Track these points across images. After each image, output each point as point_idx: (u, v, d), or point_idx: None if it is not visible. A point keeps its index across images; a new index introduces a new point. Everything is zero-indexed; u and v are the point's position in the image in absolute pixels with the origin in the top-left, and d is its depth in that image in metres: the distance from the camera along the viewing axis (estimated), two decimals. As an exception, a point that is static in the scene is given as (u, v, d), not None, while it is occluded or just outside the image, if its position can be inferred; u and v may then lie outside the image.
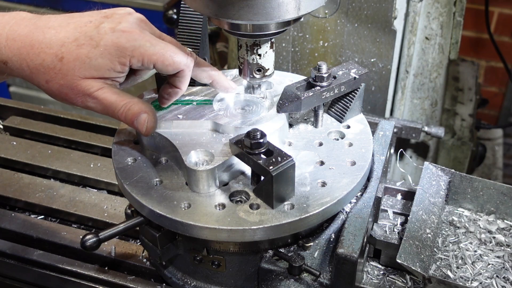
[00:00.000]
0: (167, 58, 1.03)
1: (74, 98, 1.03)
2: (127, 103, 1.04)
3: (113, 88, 1.04)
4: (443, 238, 1.24)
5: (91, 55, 1.00)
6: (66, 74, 1.01)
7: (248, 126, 1.12)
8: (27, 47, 1.01)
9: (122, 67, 1.02)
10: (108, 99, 1.03)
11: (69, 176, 1.57)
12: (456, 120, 2.49)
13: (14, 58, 1.02)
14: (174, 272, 1.22)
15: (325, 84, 1.17)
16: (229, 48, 2.37)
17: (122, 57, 1.01)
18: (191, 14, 1.28)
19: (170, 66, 1.05)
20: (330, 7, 1.94)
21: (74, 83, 1.01)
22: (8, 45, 1.01)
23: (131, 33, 1.01)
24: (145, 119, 1.05)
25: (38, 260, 1.30)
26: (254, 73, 1.18)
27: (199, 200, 1.06)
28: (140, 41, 1.01)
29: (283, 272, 1.08)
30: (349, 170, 1.12)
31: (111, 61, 1.01)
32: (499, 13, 3.47)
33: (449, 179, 1.30)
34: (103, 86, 1.03)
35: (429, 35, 2.04)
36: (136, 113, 1.04)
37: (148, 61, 1.02)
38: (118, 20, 1.03)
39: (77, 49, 1.00)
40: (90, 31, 1.01)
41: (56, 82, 1.02)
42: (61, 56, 1.00)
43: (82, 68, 1.00)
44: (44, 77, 1.02)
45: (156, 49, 1.02)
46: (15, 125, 1.76)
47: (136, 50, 1.01)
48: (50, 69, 1.01)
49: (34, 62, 1.01)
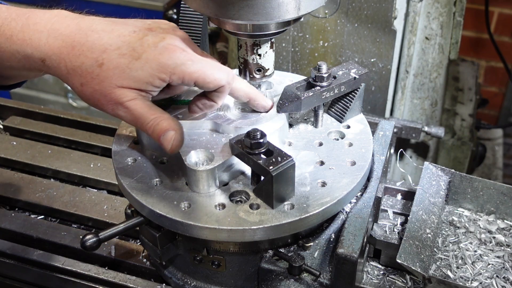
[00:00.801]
0: (208, 75, 1.03)
1: (105, 104, 1.03)
2: (157, 118, 1.03)
3: (145, 101, 1.04)
4: (443, 238, 1.24)
5: (132, 66, 0.99)
6: (103, 80, 1.00)
7: (248, 126, 1.12)
8: (68, 47, 1.00)
9: (161, 83, 1.02)
10: (139, 110, 1.03)
11: (69, 176, 1.57)
12: (456, 120, 2.49)
13: (53, 57, 1.01)
14: (174, 272, 1.22)
15: (325, 84, 1.17)
16: (229, 48, 2.37)
17: (162, 73, 1.01)
18: (191, 14, 1.28)
19: (211, 84, 1.05)
20: (330, 7, 1.94)
21: (109, 90, 1.01)
22: (49, 43, 1.01)
23: (174, 51, 1.01)
24: (172, 136, 1.03)
25: (38, 260, 1.30)
26: (254, 73, 1.18)
27: (199, 200, 1.06)
28: (182, 59, 1.01)
29: (283, 272, 1.08)
30: (349, 170, 1.12)
31: (151, 75, 1.00)
32: (499, 13, 3.47)
33: (449, 179, 1.30)
34: (136, 97, 1.02)
35: (429, 35, 2.04)
36: (164, 129, 1.03)
37: (189, 79, 1.02)
38: (162, 36, 1.02)
39: (118, 58, 0.99)
40: (133, 42, 1.01)
41: (91, 87, 1.01)
42: (101, 62, 1.00)
43: (121, 77, 1.00)
44: (80, 79, 1.01)
45: (198, 66, 1.02)
46: (15, 125, 1.76)
47: (178, 68, 1.00)
48: (88, 73, 1.00)
49: (73, 63, 1.00)
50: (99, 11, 1.11)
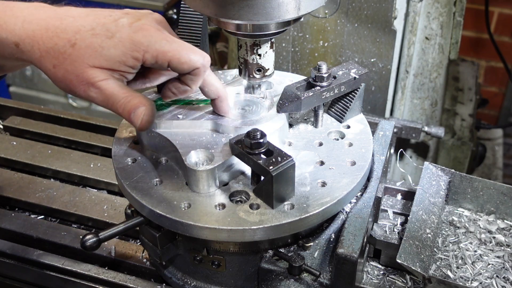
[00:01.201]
0: (183, 56, 1.01)
1: (77, 85, 1.02)
2: (128, 96, 1.03)
3: (117, 81, 1.03)
4: (443, 238, 1.24)
5: (104, 45, 0.99)
6: (75, 60, 1.00)
7: (248, 126, 1.12)
8: (42, 30, 1.01)
9: (134, 62, 1.01)
10: (110, 90, 1.02)
11: (69, 176, 1.57)
12: (456, 120, 2.49)
13: (27, 40, 1.01)
14: (174, 272, 1.22)
15: (325, 84, 1.17)
16: (229, 48, 2.37)
17: (135, 51, 1.00)
18: (191, 14, 1.28)
19: (186, 64, 1.02)
20: (330, 7, 1.94)
21: (81, 70, 1.00)
22: (24, 27, 1.01)
23: (148, 30, 1.01)
24: (142, 111, 1.03)
25: (38, 260, 1.30)
26: (254, 73, 1.18)
27: (199, 200, 1.06)
28: (156, 38, 1.01)
29: (283, 272, 1.08)
30: (349, 170, 1.12)
31: (124, 53, 1.00)
32: (499, 13, 3.47)
33: (449, 179, 1.30)
34: (108, 77, 1.02)
35: (429, 35, 2.04)
36: (135, 106, 1.03)
37: (162, 58, 1.01)
38: (138, 17, 1.03)
39: (91, 37, 0.99)
40: (108, 23, 1.01)
41: (63, 68, 1.01)
42: (74, 42, 1.00)
43: (92, 56, 0.99)
44: (52, 61, 1.01)
45: (173, 46, 1.01)
46: (15, 125, 1.76)
47: (152, 46, 1.00)
48: (60, 53, 1.00)
49: (46, 45, 1.00)
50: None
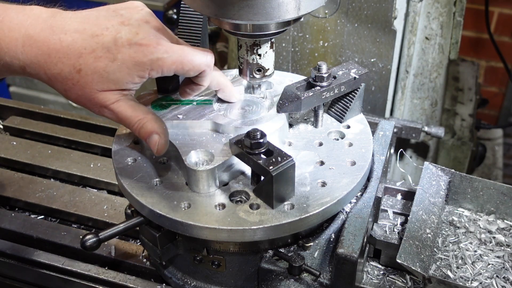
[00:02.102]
0: (186, 64, 1.04)
1: (91, 107, 1.05)
2: (141, 120, 1.05)
3: (129, 101, 1.05)
4: (443, 238, 1.24)
5: (109, 69, 1.00)
6: (84, 86, 1.01)
7: (248, 126, 1.12)
8: (44, 55, 1.01)
9: (140, 79, 1.04)
10: (123, 113, 1.05)
11: (69, 176, 1.57)
12: (456, 120, 2.49)
13: (32, 65, 1.02)
14: (174, 272, 1.22)
15: (325, 84, 1.17)
16: (229, 48, 2.37)
17: (140, 71, 1.02)
18: (191, 14, 1.28)
19: (191, 70, 1.06)
20: (330, 7, 1.94)
21: (91, 95, 1.02)
22: (25, 51, 1.01)
23: (148, 46, 1.01)
24: (157, 140, 1.06)
25: (38, 260, 1.30)
26: (254, 73, 1.18)
27: (199, 200, 1.06)
28: (157, 53, 1.01)
29: (283, 272, 1.08)
30: (349, 170, 1.12)
31: (129, 74, 1.01)
32: (499, 13, 3.47)
33: (449, 179, 1.30)
34: (119, 98, 1.04)
35: (429, 35, 2.04)
36: (149, 132, 1.06)
37: (168, 71, 1.04)
38: (135, 30, 1.02)
39: (95, 62, 1.00)
40: (107, 42, 1.00)
41: (74, 93, 1.03)
42: (79, 68, 1.00)
43: (100, 82, 1.01)
44: (62, 86, 1.03)
45: (174, 57, 1.02)
46: (15, 125, 1.76)
47: (154, 63, 1.01)
48: (68, 80, 1.01)
49: (52, 71, 1.01)
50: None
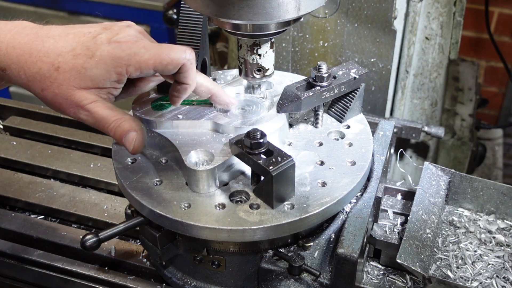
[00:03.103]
0: (164, 58, 1.03)
1: (67, 108, 1.04)
2: (118, 120, 1.05)
3: (106, 103, 1.05)
4: (443, 238, 1.24)
5: (86, 65, 1.01)
6: (61, 83, 1.02)
7: (248, 126, 1.12)
8: (25, 55, 1.02)
9: (118, 77, 1.03)
10: (100, 113, 1.04)
11: (69, 176, 1.57)
12: (456, 120, 2.49)
13: (13, 66, 1.03)
14: (174, 272, 1.22)
15: (325, 84, 1.17)
16: (229, 48, 2.37)
17: (118, 66, 1.02)
18: (191, 14, 1.28)
19: (170, 65, 1.04)
20: (330, 7, 1.94)
21: (69, 93, 1.02)
22: (8, 53, 1.02)
23: (126, 43, 1.02)
24: (133, 137, 1.05)
25: (38, 260, 1.30)
26: (254, 73, 1.18)
27: (199, 200, 1.06)
28: (135, 49, 1.02)
29: (283, 272, 1.08)
30: (349, 170, 1.12)
31: (107, 71, 1.02)
32: (499, 13, 3.47)
33: (449, 179, 1.30)
34: (96, 99, 1.04)
35: (429, 35, 2.04)
36: (126, 131, 1.05)
37: (145, 67, 1.03)
38: (116, 32, 1.04)
39: (73, 59, 1.01)
40: (87, 41, 1.02)
41: (51, 91, 1.03)
42: (58, 66, 1.01)
43: (78, 78, 1.01)
44: (40, 85, 1.03)
45: (152, 52, 1.02)
46: (15, 125, 1.76)
47: (132, 58, 1.01)
48: (46, 77, 1.02)
49: (31, 70, 1.02)
50: (99, 11, 1.11)
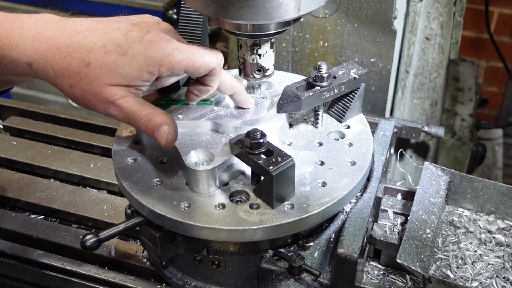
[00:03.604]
0: (197, 60, 1.03)
1: (96, 104, 1.02)
2: (149, 113, 1.03)
3: (136, 98, 1.04)
4: (443, 238, 1.24)
5: (119, 63, 0.99)
6: (91, 80, 1.00)
7: (248, 126, 1.12)
8: (53, 49, 1.00)
9: (150, 76, 1.02)
10: (131, 108, 1.03)
11: (69, 176, 1.57)
12: (456, 120, 2.49)
13: (40, 61, 1.01)
14: (174, 272, 1.22)
15: (325, 84, 1.17)
16: (229, 48, 2.37)
17: (150, 66, 1.00)
18: (191, 14, 1.28)
19: (202, 68, 1.05)
20: (330, 7, 1.94)
21: (99, 90, 1.00)
22: (34, 47, 1.00)
23: (159, 43, 1.01)
24: (166, 131, 1.03)
25: (38, 260, 1.30)
26: (254, 73, 1.18)
27: (199, 200, 1.06)
28: (168, 49, 1.01)
29: (283, 272, 1.08)
30: (349, 170, 1.12)
31: (139, 69, 1.00)
32: (499, 13, 3.47)
33: (449, 179, 1.30)
34: (126, 94, 1.02)
35: (429, 35, 2.04)
36: (158, 124, 1.03)
37: (178, 68, 1.02)
38: (146, 30, 1.03)
39: (105, 56, 0.99)
40: (118, 38, 1.00)
41: (80, 88, 1.01)
42: (88, 62, 0.99)
43: (109, 75, 1.00)
44: (68, 81, 1.01)
45: (184, 54, 1.02)
46: (15, 125, 1.76)
47: (165, 59, 1.01)
48: (76, 73, 1.00)
49: (60, 65, 1.00)
50: (99, 11, 1.10)
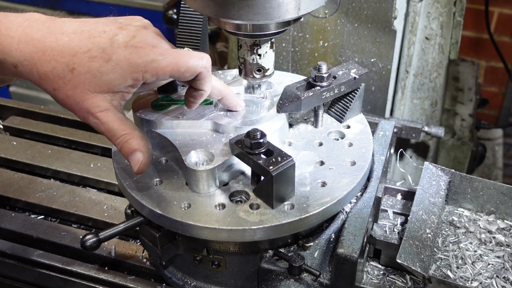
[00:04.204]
0: (181, 65, 1.00)
1: (77, 111, 1.02)
2: (127, 135, 1.02)
3: (117, 113, 1.02)
4: (443, 238, 1.24)
5: (103, 70, 0.98)
6: (75, 86, 0.99)
7: (248, 126, 1.12)
8: (39, 52, 0.99)
9: (134, 82, 1.01)
10: (110, 124, 1.02)
11: (69, 176, 1.57)
12: (456, 120, 2.49)
13: (25, 62, 1.00)
14: (174, 272, 1.22)
15: (325, 84, 1.17)
16: (229, 48, 2.37)
17: (134, 72, 0.99)
18: (191, 14, 1.28)
19: (187, 72, 1.02)
20: (330, 7, 1.94)
21: (81, 97, 1.00)
22: (20, 48, 0.99)
23: (144, 49, 0.99)
24: (139, 158, 1.03)
25: (38, 260, 1.30)
26: (254, 73, 1.18)
27: (199, 200, 1.06)
28: (152, 55, 0.99)
29: (283, 272, 1.08)
30: (349, 170, 1.12)
31: (123, 76, 0.99)
32: (499, 13, 3.47)
33: (449, 179, 1.30)
34: (108, 107, 1.01)
35: (429, 35, 2.04)
36: (133, 149, 1.02)
37: (162, 74, 1.01)
38: (132, 34, 1.01)
39: (89, 62, 0.98)
40: (103, 42, 0.99)
41: (64, 93, 1.00)
42: (72, 67, 0.98)
43: (93, 82, 0.99)
44: (53, 84, 1.00)
45: (169, 59, 1.00)
46: (15, 125, 1.76)
47: (149, 65, 0.99)
48: (60, 78, 0.99)
49: (44, 68, 0.99)
50: (99, 11, 1.10)
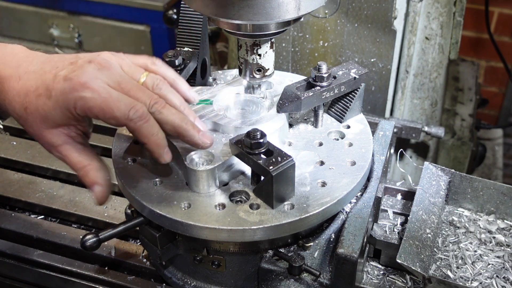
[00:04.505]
0: (107, 112, 0.98)
1: (43, 145, 1.07)
2: (84, 168, 1.06)
3: (76, 145, 1.05)
4: (443, 238, 1.24)
5: (46, 108, 1.00)
6: (31, 124, 1.03)
7: (248, 126, 1.12)
8: (3, 92, 1.04)
9: (74, 116, 1.01)
10: (69, 157, 1.05)
11: (69, 176, 1.57)
12: (456, 120, 2.49)
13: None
14: (174, 272, 1.22)
15: (325, 84, 1.17)
16: (229, 48, 2.37)
17: (66, 108, 0.99)
18: (191, 14, 1.28)
19: (112, 119, 0.99)
20: (330, 7, 1.93)
21: (40, 133, 1.04)
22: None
23: (77, 83, 0.97)
24: (98, 191, 1.07)
25: (38, 260, 1.30)
26: (254, 73, 1.18)
27: (199, 200, 1.06)
28: (82, 92, 0.97)
29: (283, 272, 1.08)
30: (349, 170, 1.12)
31: (62, 112, 1.00)
32: (499, 13, 3.47)
33: (449, 179, 1.30)
34: (66, 141, 1.04)
35: (429, 35, 2.04)
36: (91, 182, 1.06)
37: (90, 113, 0.99)
38: (74, 68, 1.00)
39: (36, 100, 1.01)
40: (48, 79, 1.00)
41: (28, 129, 1.05)
42: (26, 106, 1.02)
43: (43, 120, 1.02)
44: (19, 121, 1.06)
45: (97, 101, 0.97)
46: (15, 125, 1.75)
47: (78, 101, 0.98)
48: (20, 117, 1.04)
49: (8, 107, 1.04)
50: (99, 11, 1.09)
